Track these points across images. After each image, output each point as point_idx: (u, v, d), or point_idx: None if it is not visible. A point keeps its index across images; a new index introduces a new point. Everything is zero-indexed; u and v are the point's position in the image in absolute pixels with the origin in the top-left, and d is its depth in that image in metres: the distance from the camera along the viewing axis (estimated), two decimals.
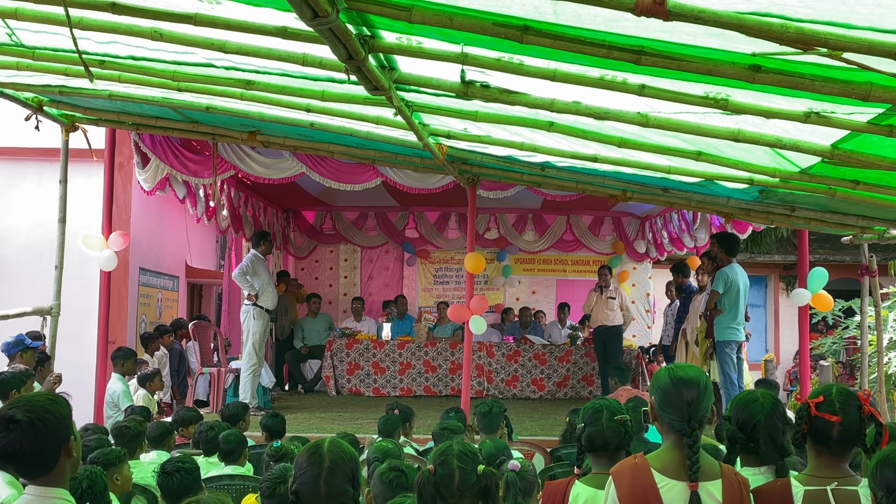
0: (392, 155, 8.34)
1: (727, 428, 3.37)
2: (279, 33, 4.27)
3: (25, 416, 2.67)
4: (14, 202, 11.65)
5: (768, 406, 3.34)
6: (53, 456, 2.72)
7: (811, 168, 5.53)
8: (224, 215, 11.94)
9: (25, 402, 2.74)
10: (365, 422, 9.69)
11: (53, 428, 2.70)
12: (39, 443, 2.68)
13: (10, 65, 6.06)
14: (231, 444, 5.50)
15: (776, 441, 3.31)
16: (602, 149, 6.21)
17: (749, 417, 3.33)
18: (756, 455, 3.34)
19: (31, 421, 2.66)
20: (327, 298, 16.15)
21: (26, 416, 2.67)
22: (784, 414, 3.41)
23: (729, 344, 9.09)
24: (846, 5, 2.79)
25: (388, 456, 4.49)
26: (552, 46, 3.57)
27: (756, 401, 3.36)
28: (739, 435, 3.33)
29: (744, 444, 3.33)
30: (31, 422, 2.66)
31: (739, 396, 3.46)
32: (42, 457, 2.70)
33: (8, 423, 2.67)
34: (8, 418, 2.68)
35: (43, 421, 2.68)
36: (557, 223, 15.70)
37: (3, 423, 2.68)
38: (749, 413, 3.34)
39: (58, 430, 2.72)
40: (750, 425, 3.32)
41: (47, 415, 2.70)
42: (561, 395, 12.94)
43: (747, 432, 3.32)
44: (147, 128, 8.53)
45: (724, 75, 3.55)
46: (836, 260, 19.03)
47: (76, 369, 9.47)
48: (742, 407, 3.37)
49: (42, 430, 2.67)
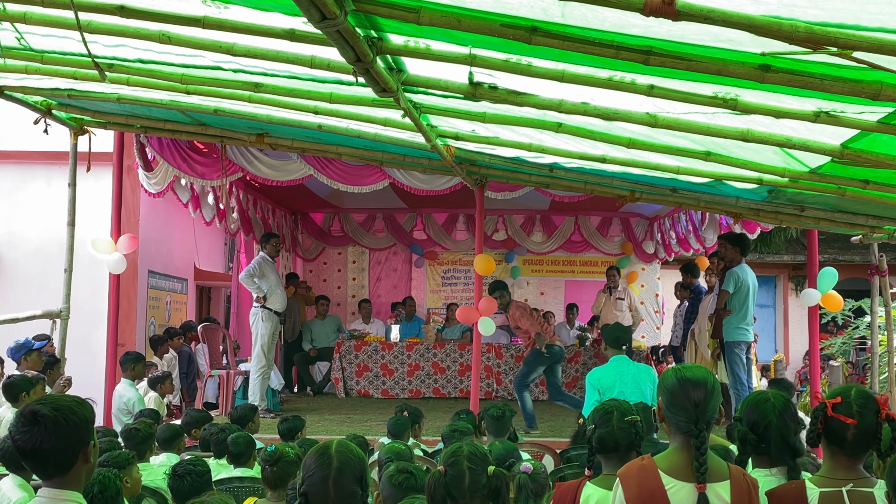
0: (400, 157, 8.34)
1: (738, 429, 3.36)
2: (287, 36, 4.28)
3: (52, 413, 2.67)
4: (23, 206, 11.69)
5: (780, 406, 3.34)
6: (72, 458, 2.72)
7: (821, 168, 5.51)
8: (234, 217, 11.96)
9: (52, 400, 2.75)
10: (374, 423, 9.69)
11: (77, 429, 2.70)
12: (61, 442, 2.67)
13: (19, 69, 6.09)
14: (240, 446, 5.50)
15: (788, 442, 3.30)
16: (610, 149, 6.20)
17: (760, 418, 3.33)
18: (767, 456, 3.33)
19: (55, 419, 2.66)
20: (336, 300, 16.15)
21: (52, 414, 2.66)
22: (795, 414, 3.40)
23: (738, 344, 9.08)
24: (856, 4, 2.78)
25: (400, 457, 4.49)
26: (560, 47, 3.57)
27: (767, 401, 3.36)
28: (751, 436, 3.32)
29: (755, 445, 3.33)
30: (55, 420, 2.66)
31: (751, 397, 3.45)
32: (61, 457, 2.70)
33: (35, 418, 2.67)
34: (35, 413, 2.68)
35: (67, 421, 2.68)
36: (566, 224, 15.68)
37: (29, 417, 2.68)
38: (760, 414, 3.33)
39: (80, 432, 2.71)
40: (761, 426, 3.31)
41: (72, 415, 2.70)
42: None
43: (759, 433, 3.32)
44: (155, 130, 8.55)
45: (733, 75, 3.54)
46: (846, 260, 18.98)
47: (86, 372, 9.50)
48: (753, 408, 3.37)
49: (65, 429, 2.67)
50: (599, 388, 6.90)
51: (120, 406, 8.60)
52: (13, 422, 2.75)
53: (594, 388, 6.93)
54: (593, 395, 6.90)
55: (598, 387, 6.91)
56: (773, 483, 3.22)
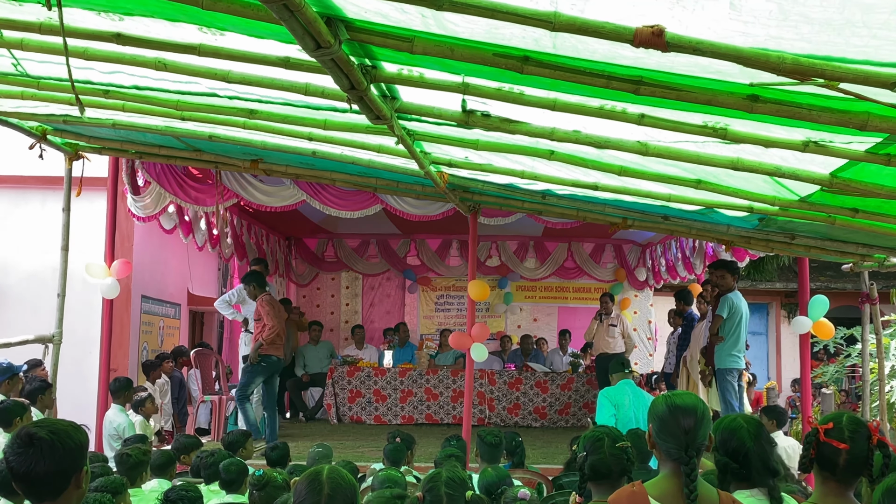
0: (393, 183, 8.38)
1: (718, 459, 3.37)
2: (282, 63, 4.32)
3: (48, 437, 2.66)
4: (17, 230, 11.69)
5: (754, 431, 3.36)
6: (64, 482, 2.70)
7: (810, 196, 5.55)
8: (228, 243, 11.98)
9: (49, 423, 2.74)
10: (367, 450, 9.66)
11: (71, 454, 2.70)
12: (55, 465, 2.66)
13: (14, 94, 6.12)
14: (232, 472, 5.49)
15: (768, 466, 3.34)
16: (602, 177, 6.24)
17: (739, 446, 3.34)
18: (747, 480, 3.36)
19: (52, 442, 2.65)
20: (329, 326, 16.13)
21: (49, 437, 2.66)
22: (768, 435, 3.43)
23: (730, 371, 9.08)
24: (842, 37, 2.83)
25: (395, 484, 4.49)
26: (552, 77, 3.61)
27: (742, 428, 3.37)
28: (733, 465, 3.34)
29: (736, 473, 3.34)
30: (51, 443, 2.65)
31: (723, 424, 3.45)
32: (54, 481, 2.68)
33: (31, 440, 2.66)
34: (31, 435, 2.67)
35: (63, 444, 2.67)
36: (559, 250, 15.72)
37: (25, 439, 2.67)
38: (738, 441, 3.34)
39: (75, 457, 2.71)
40: (741, 454, 3.33)
41: (68, 439, 2.69)
42: (563, 423, 12.91)
43: (739, 461, 3.33)
44: (150, 156, 8.58)
45: (722, 105, 3.59)
46: (838, 288, 19.03)
47: (78, 397, 9.48)
48: (730, 435, 3.37)
49: (60, 453, 2.67)
50: (615, 403, 7.07)
51: (111, 432, 8.56)
52: (8, 444, 2.75)
53: (610, 403, 7.11)
54: (609, 408, 7.08)
55: (614, 402, 7.08)
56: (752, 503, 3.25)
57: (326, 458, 6.61)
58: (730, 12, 2.79)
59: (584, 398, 12.99)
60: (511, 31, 3.27)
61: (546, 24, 2.95)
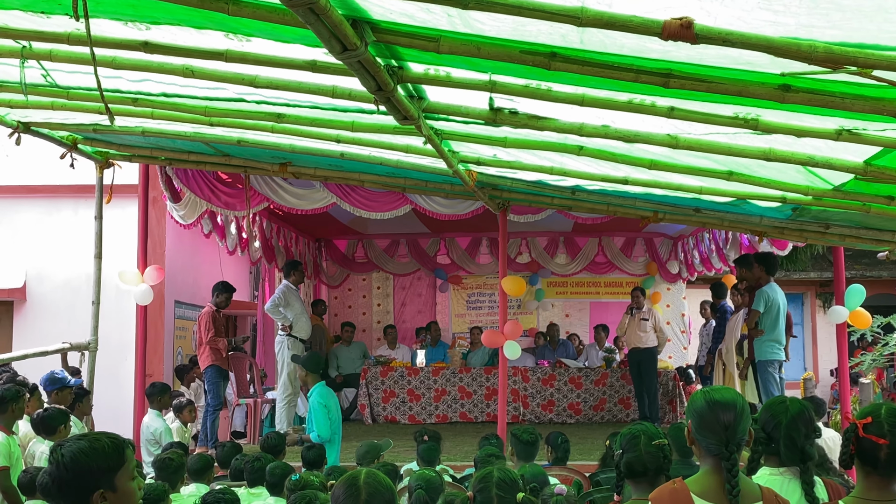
0: (422, 182, 8.37)
1: (752, 427, 3.37)
2: (309, 67, 4.33)
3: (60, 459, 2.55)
4: (50, 239, 11.80)
5: (794, 411, 3.45)
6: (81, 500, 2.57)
7: (844, 185, 5.49)
8: (256, 247, 12.02)
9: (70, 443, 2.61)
10: (402, 450, 9.65)
11: (81, 478, 2.55)
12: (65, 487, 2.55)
13: (45, 105, 6.17)
14: (276, 476, 5.52)
15: (796, 443, 3.40)
16: (632, 171, 6.20)
17: (771, 418, 3.47)
18: (777, 456, 3.43)
19: (58, 465, 2.55)
20: (361, 326, 16.16)
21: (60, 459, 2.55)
22: (811, 421, 3.48)
23: (771, 363, 9.02)
24: (874, 24, 2.78)
25: (430, 484, 4.47)
26: (580, 72, 3.59)
27: (782, 403, 3.50)
28: (761, 434, 3.42)
29: (765, 444, 3.43)
30: (58, 465, 2.55)
31: (769, 402, 3.57)
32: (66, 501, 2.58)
33: (51, 457, 2.60)
34: (52, 451, 2.61)
35: (67, 468, 2.54)
36: (589, 245, 15.63)
37: (50, 454, 2.61)
38: (772, 414, 3.47)
39: (85, 480, 2.55)
40: (771, 425, 3.45)
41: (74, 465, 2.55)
42: (598, 419, 12.85)
43: (768, 432, 3.44)
44: (180, 162, 8.63)
45: (753, 96, 3.55)
46: (874, 276, 18.82)
47: (114, 404, 9.56)
48: (768, 409, 3.51)
49: (66, 477, 2.55)
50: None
51: (148, 437, 8.62)
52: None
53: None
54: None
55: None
56: (777, 481, 3.28)
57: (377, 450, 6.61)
58: (759, 2, 2.75)
59: (618, 393, 12.92)
60: (538, 27, 3.25)
61: (573, 20, 2.93)
